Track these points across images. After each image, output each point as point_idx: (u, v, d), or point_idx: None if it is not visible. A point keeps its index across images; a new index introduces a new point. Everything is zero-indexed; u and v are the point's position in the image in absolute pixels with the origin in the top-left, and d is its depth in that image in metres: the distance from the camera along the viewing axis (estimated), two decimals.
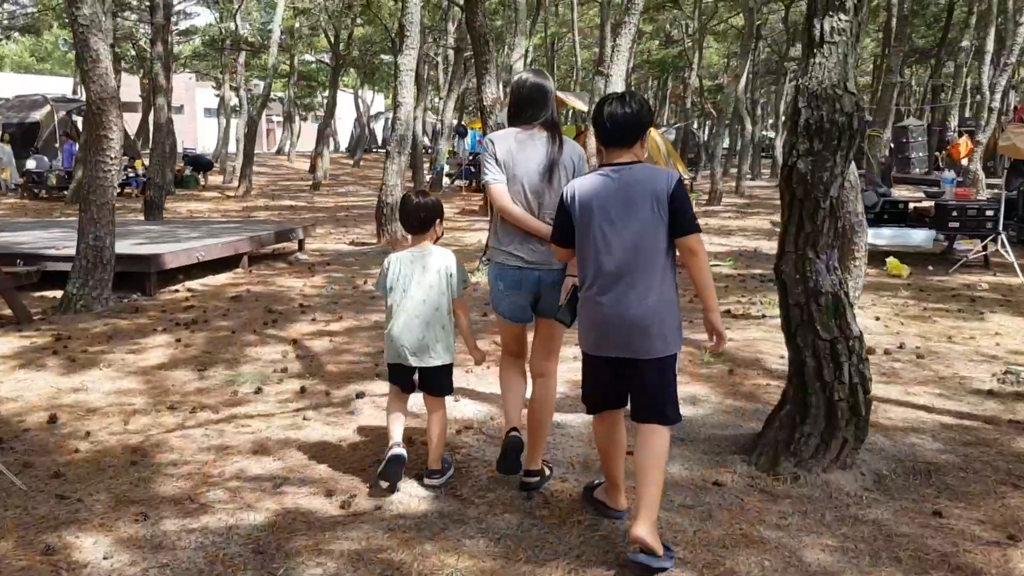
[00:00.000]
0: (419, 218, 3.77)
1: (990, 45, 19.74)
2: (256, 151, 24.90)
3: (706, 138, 32.65)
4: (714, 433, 4.49)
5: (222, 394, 5.19)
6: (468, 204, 20.48)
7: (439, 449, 3.84)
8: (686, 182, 24.27)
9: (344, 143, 52.68)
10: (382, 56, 39.64)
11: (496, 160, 3.66)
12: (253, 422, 4.68)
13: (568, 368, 5.18)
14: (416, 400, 4.05)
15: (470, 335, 3.90)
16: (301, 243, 11.60)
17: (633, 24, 13.33)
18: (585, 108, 23.81)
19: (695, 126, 38.44)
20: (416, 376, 3.84)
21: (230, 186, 24.95)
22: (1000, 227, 9.73)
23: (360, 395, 5.11)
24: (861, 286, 7.19)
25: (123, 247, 8.43)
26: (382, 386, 5.07)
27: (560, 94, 24.43)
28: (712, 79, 41.86)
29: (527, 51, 21.60)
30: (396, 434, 3.78)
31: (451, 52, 26.83)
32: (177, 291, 8.71)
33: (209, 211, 18.19)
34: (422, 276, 3.73)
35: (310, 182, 26.07)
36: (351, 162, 38.31)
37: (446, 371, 3.84)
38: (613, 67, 13.27)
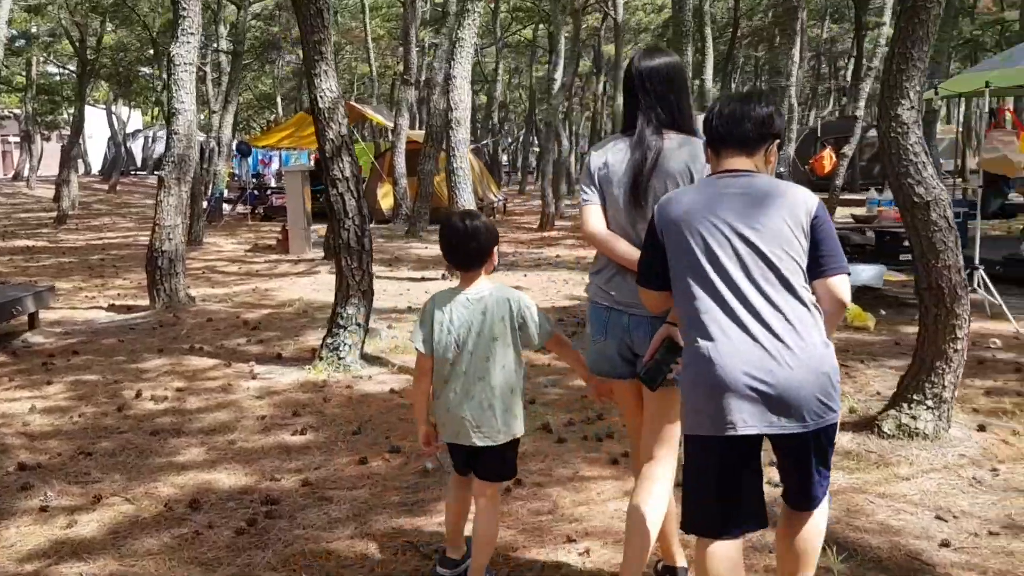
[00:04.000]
0: (471, 249, 2.93)
1: (796, 55, 18.85)
2: None
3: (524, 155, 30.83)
4: None
5: None
6: (260, 237, 16.81)
7: (484, 557, 3.01)
8: (496, 206, 22.54)
9: (96, 165, 46.38)
10: (140, 68, 34.74)
11: (591, 176, 2.98)
12: None
13: None
14: None
15: (576, 354, 3.13)
16: (33, 317, 7.83)
17: (478, 12, 10.53)
18: (389, 123, 21.21)
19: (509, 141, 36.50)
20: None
21: None
22: (976, 261, 7.77)
23: None
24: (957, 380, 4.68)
25: None
26: None
27: (358, 106, 21.50)
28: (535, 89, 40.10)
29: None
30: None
31: (224, 59, 23.08)
32: None
33: None
34: (482, 326, 2.90)
35: (54, 214, 21.30)
36: (105, 187, 33.07)
37: (512, 448, 3.01)
38: (457, 67, 10.40)
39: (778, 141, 2.59)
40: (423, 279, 11.08)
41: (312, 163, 23.47)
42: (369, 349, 6.58)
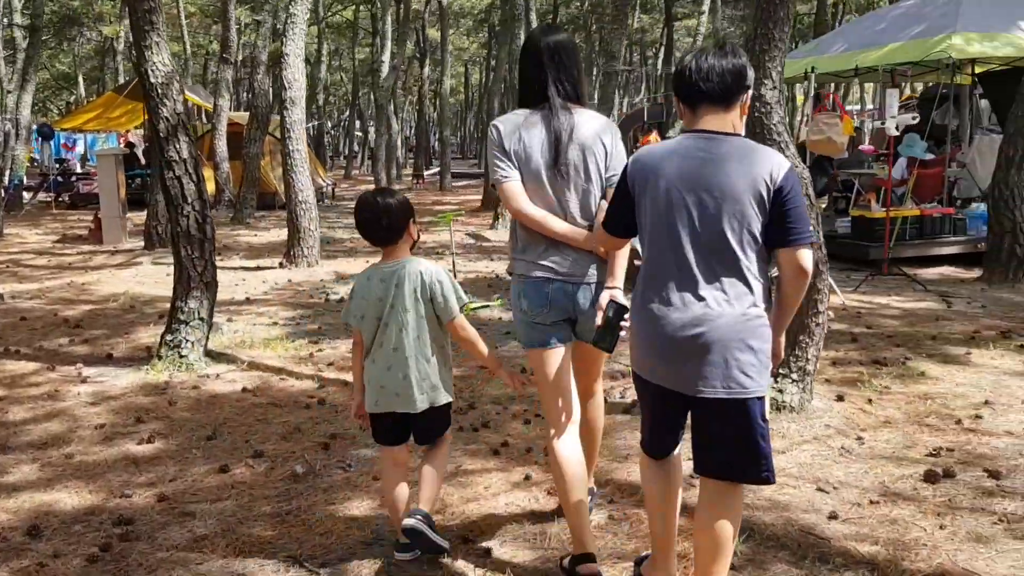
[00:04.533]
0: (384, 225, 3.04)
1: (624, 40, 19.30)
2: None
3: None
4: None
5: None
6: (69, 227, 15.49)
7: (434, 491, 3.11)
8: (325, 190, 21.83)
9: None
10: None
11: (504, 152, 2.97)
12: None
13: None
14: None
15: (481, 343, 3.15)
16: None
17: None
18: (208, 104, 20.06)
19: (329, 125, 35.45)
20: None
21: None
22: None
23: None
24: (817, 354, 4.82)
25: None
26: None
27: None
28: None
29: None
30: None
31: (19, 34, 21.10)
32: None
33: None
34: (395, 298, 3.02)
35: None
36: None
37: (442, 412, 3.14)
38: (289, 44, 9.92)
39: (751, 91, 2.60)
40: (259, 268, 10.52)
41: (123, 145, 21.93)
42: (213, 345, 6.10)
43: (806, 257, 2.48)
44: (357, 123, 43.26)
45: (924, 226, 9.94)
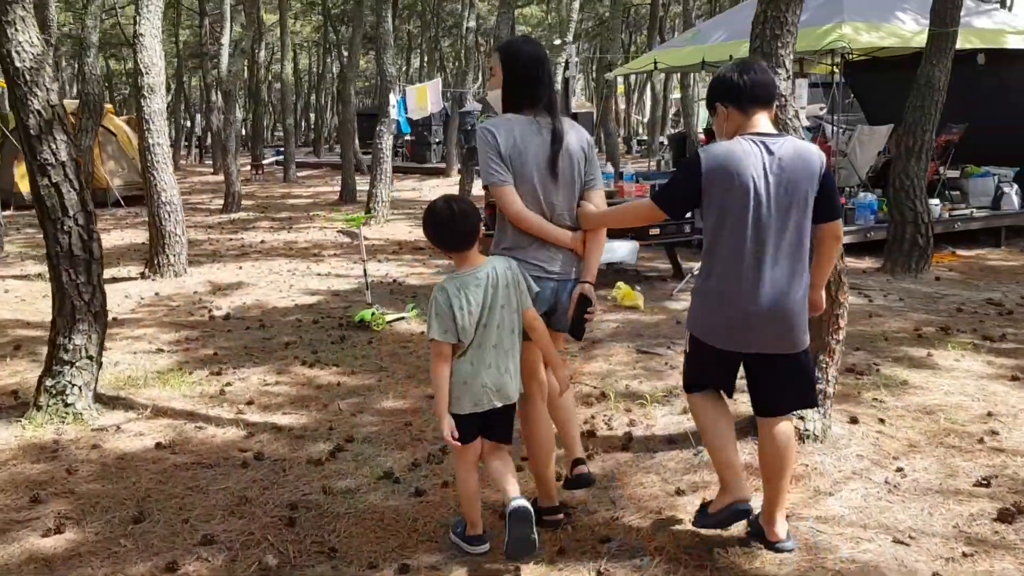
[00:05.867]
0: (463, 231, 3.05)
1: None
2: None
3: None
4: None
5: None
6: None
7: (514, 481, 3.14)
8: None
9: None
10: None
11: (500, 155, 3.11)
12: None
13: None
14: None
15: (545, 331, 3.20)
16: None
17: None
18: None
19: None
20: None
21: None
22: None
23: None
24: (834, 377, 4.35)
25: None
26: None
27: None
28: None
29: None
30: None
31: None
32: None
33: None
34: (494, 299, 3.06)
35: None
36: None
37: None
38: (144, 23, 8.74)
39: None
40: (114, 279, 9.18)
41: None
42: (99, 386, 5.04)
43: (840, 227, 3.13)
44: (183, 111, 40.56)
45: None
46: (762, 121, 3.03)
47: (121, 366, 5.81)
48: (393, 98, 13.43)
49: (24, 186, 16.59)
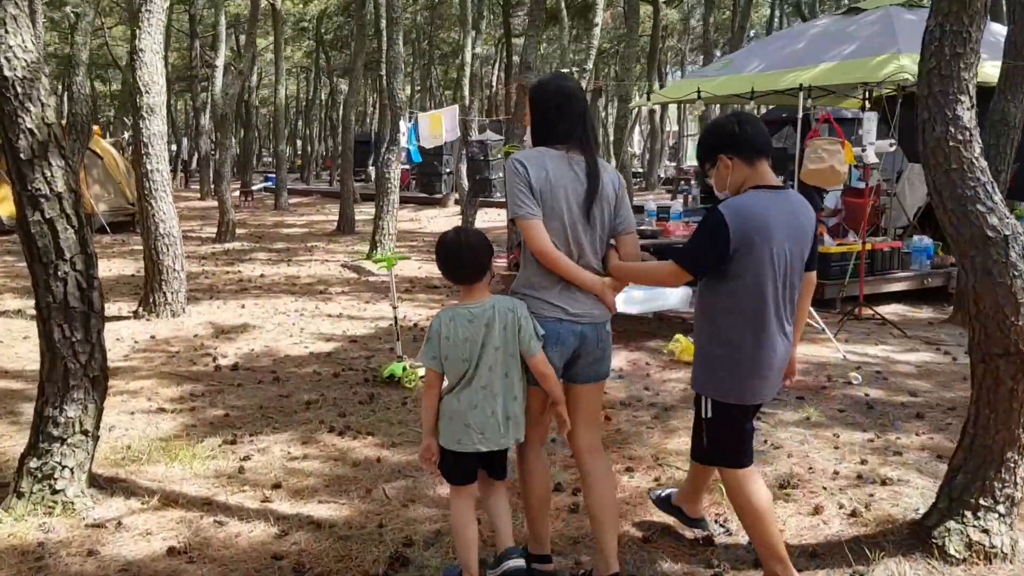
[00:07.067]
0: (469, 262, 3.02)
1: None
2: None
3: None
4: None
5: None
6: None
7: (509, 522, 3.16)
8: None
9: None
10: None
11: (530, 188, 2.99)
12: None
13: None
14: None
15: (556, 381, 3.05)
16: None
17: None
18: None
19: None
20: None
21: None
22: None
23: None
24: None
25: None
26: None
27: None
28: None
29: None
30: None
31: None
32: None
33: None
34: (485, 338, 2.98)
35: None
36: None
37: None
38: (145, 38, 7.92)
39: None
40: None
41: None
42: (93, 463, 4.15)
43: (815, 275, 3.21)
44: (170, 135, 39.65)
45: (875, 261, 9.16)
46: (769, 172, 3.04)
47: (117, 431, 4.93)
48: (404, 125, 12.63)
49: (6, 209, 15.68)
